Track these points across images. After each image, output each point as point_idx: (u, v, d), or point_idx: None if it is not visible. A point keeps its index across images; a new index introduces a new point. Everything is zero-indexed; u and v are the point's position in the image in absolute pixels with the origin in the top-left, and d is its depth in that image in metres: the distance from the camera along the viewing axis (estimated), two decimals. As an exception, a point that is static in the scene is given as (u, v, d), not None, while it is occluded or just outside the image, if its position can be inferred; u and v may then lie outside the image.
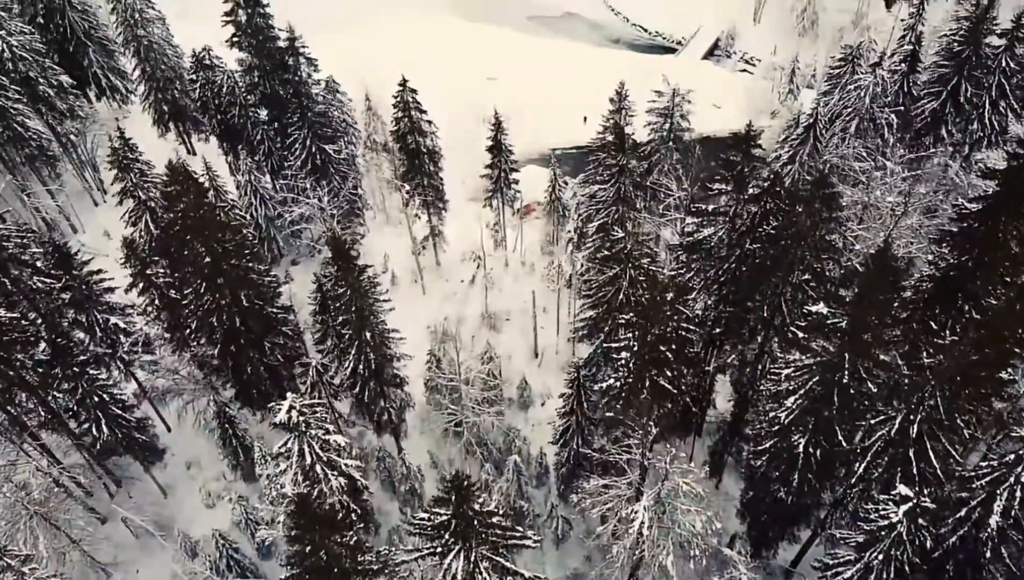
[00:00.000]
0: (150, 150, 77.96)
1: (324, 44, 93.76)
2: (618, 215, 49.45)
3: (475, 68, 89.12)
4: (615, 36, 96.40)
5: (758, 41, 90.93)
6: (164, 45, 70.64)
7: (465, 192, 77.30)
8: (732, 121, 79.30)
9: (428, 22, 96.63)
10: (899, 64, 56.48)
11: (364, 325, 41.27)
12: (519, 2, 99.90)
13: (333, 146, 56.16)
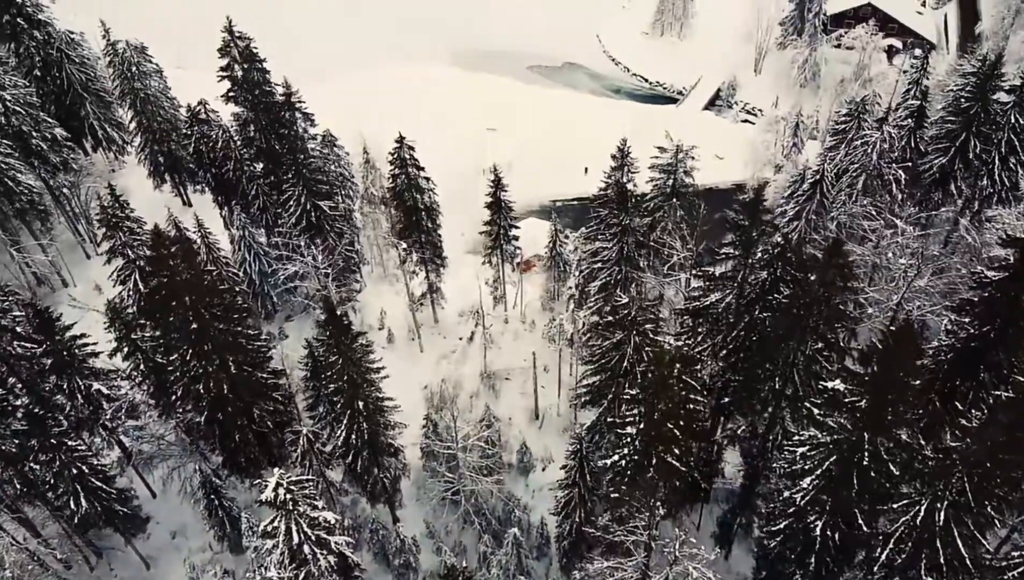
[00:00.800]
0: (145, 202, 77.68)
1: (323, 95, 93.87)
2: (621, 275, 47.96)
3: (475, 118, 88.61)
4: (616, 86, 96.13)
5: (759, 92, 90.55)
6: (161, 97, 70.05)
7: (464, 245, 76.04)
8: (735, 172, 78.55)
9: (428, 72, 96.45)
10: (905, 119, 55.47)
11: (357, 394, 39.47)
12: (519, 52, 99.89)
13: (328, 202, 54.92)
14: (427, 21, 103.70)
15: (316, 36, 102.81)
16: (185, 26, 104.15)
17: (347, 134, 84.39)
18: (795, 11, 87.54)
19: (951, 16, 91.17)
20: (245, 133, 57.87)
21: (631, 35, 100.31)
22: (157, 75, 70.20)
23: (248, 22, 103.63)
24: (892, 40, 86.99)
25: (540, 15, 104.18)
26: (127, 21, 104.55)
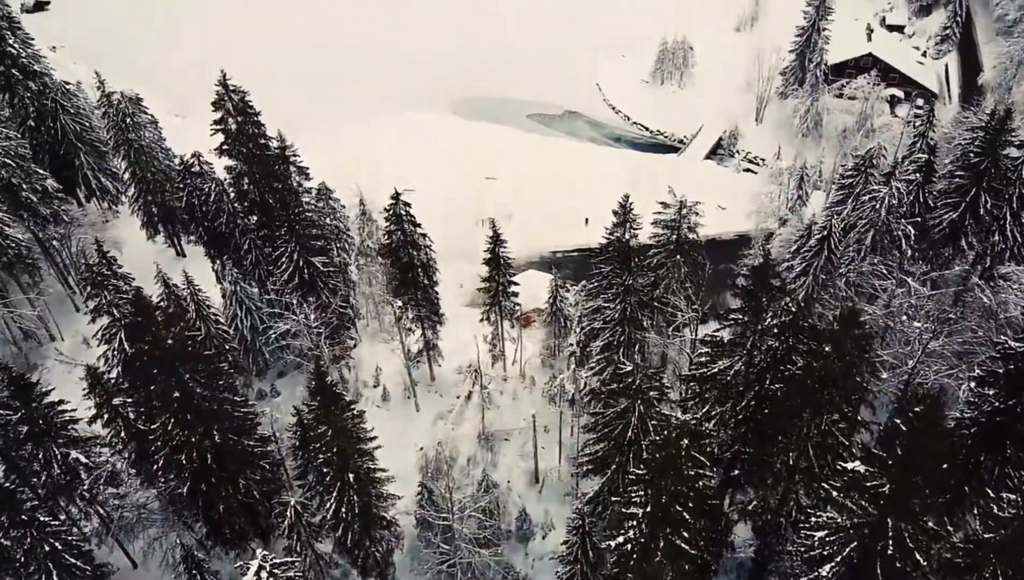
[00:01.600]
0: (138, 253, 76.35)
1: (320, 145, 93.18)
2: (624, 336, 46.24)
3: (474, 167, 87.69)
4: (616, 134, 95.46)
5: (761, 141, 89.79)
6: (155, 148, 69.08)
7: (462, 297, 74.41)
8: (738, 223, 77.24)
9: (427, 120, 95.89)
10: (913, 173, 54.25)
11: (347, 465, 37.44)
12: (519, 100, 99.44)
13: (322, 258, 53.41)
14: (426, 70, 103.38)
15: (315, 86, 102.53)
16: (185, 74, 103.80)
17: (344, 184, 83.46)
18: (796, 61, 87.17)
19: (952, 66, 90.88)
20: (239, 186, 56.61)
21: (631, 83, 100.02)
22: (152, 126, 69.29)
23: (246, 72, 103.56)
24: (894, 90, 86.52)
25: (539, 63, 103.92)
26: (128, 69, 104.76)
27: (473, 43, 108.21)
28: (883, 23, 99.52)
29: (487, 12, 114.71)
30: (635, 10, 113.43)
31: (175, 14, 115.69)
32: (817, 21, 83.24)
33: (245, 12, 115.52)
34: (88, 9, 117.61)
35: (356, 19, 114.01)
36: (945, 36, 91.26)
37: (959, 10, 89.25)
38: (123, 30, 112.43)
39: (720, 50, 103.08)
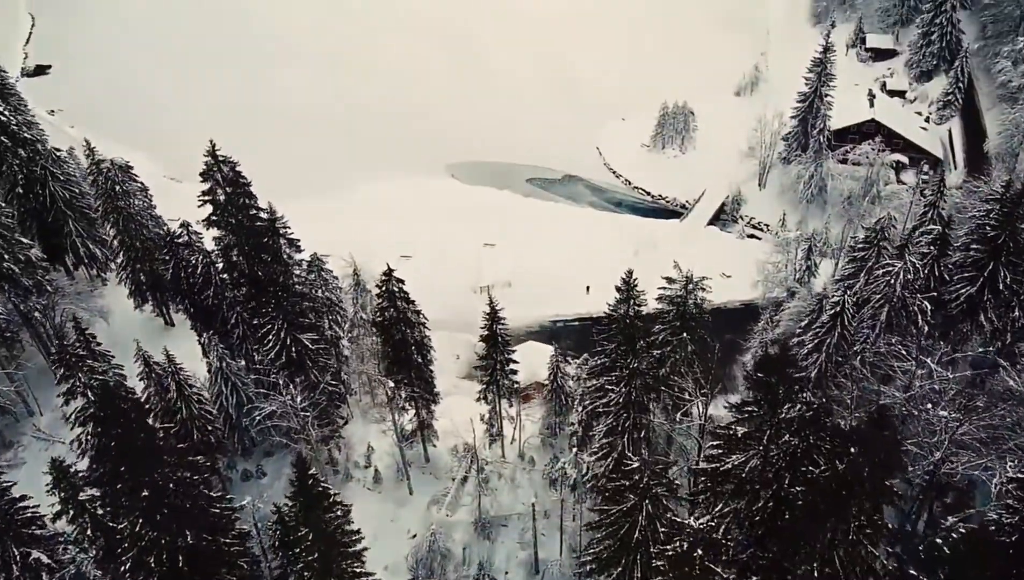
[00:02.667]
0: (125, 322, 74.06)
1: (314, 209, 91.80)
2: (629, 422, 43.51)
3: (472, 233, 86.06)
4: (617, 199, 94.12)
5: (765, 207, 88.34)
6: (145, 216, 67.21)
7: (458, 368, 71.93)
8: (743, 291, 75.14)
9: (424, 185, 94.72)
10: (927, 246, 52.22)
11: (330, 570, 34.35)
12: (518, 164, 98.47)
13: (311, 335, 50.97)
14: (423, 133, 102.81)
15: (310, 149, 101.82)
16: (182, 137, 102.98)
17: (339, 251, 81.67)
18: (798, 127, 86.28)
19: (956, 132, 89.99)
20: (227, 257, 54.55)
21: (631, 148, 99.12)
22: (142, 193, 67.60)
23: (242, 135, 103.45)
24: (898, 156, 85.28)
25: (539, 127, 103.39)
26: (126, 132, 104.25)
27: (471, 106, 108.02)
28: (884, 88, 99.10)
29: (484, 74, 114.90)
30: (634, 74, 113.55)
31: (175, 78, 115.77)
32: (819, 87, 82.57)
33: (243, 77, 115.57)
34: (89, 73, 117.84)
35: (352, 83, 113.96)
36: (947, 102, 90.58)
37: (960, 76, 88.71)
38: (123, 93, 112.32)
39: (721, 114, 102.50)
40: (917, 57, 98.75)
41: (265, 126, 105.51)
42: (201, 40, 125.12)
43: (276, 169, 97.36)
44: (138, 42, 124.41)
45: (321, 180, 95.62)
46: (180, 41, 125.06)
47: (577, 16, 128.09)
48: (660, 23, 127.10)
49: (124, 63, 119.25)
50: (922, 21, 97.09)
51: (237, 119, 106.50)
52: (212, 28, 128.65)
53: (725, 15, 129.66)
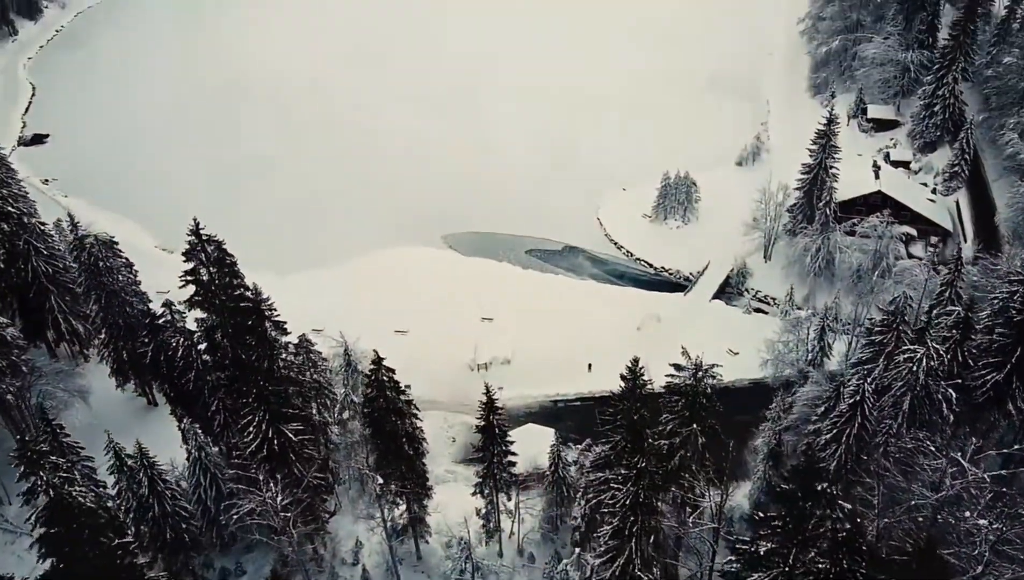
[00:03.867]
0: (106, 402, 70.70)
1: (308, 281, 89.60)
2: (636, 526, 39.97)
3: (470, 306, 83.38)
4: (619, 271, 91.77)
5: (771, 280, 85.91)
6: (129, 291, 64.76)
7: (455, 452, 68.42)
8: (751, 369, 72.01)
9: (420, 256, 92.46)
10: (949, 330, 49.42)
11: None
12: (517, 235, 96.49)
13: (296, 425, 47.72)
14: (418, 203, 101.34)
15: (302, 220, 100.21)
16: (174, 208, 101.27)
17: (333, 323, 78.90)
18: (803, 198, 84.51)
19: (963, 203, 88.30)
20: (210, 339, 51.81)
21: (633, 218, 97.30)
22: (126, 268, 65.35)
23: (235, 207, 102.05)
24: (906, 228, 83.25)
25: (538, 197, 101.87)
26: (119, 202, 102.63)
27: (469, 175, 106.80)
28: (887, 159, 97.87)
29: (483, 144, 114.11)
30: (634, 144, 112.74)
31: (170, 146, 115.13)
32: (824, 160, 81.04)
33: (239, 145, 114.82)
34: (85, 141, 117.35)
35: (349, 152, 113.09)
36: (954, 173, 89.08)
37: (966, 148, 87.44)
38: (118, 162, 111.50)
39: (723, 185, 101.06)
40: (920, 128, 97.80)
41: (259, 194, 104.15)
42: (199, 108, 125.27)
43: (269, 239, 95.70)
44: (136, 111, 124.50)
45: (315, 250, 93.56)
46: (178, 108, 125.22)
47: (575, 87, 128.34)
48: (659, 93, 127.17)
49: (121, 132, 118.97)
50: (924, 93, 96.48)
51: (231, 188, 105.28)
52: (211, 96, 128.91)
53: (724, 85, 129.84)
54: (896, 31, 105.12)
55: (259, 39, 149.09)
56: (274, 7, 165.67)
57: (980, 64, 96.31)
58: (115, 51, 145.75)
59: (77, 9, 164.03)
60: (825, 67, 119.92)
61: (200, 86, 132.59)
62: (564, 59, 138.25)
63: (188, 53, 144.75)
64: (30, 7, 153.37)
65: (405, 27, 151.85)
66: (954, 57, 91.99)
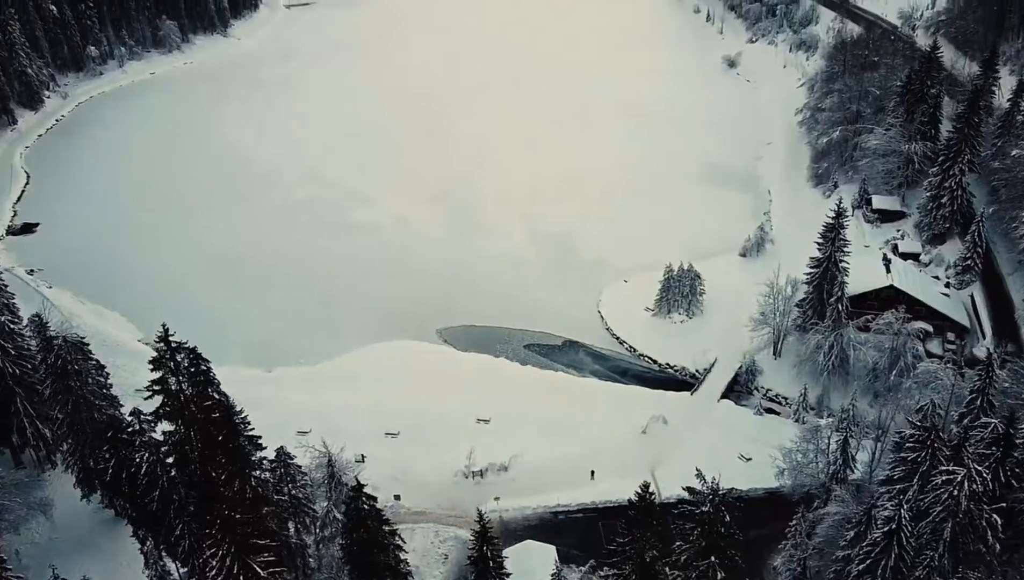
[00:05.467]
0: (71, 515, 65.12)
1: (293, 377, 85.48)
2: None
3: (465, 406, 78.94)
4: (622, 367, 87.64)
5: (781, 377, 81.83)
6: (99, 395, 60.45)
7: (447, 571, 62.68)
8: (766, 477, 67.00)
9: (414, 350, 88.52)
10: (988, 446, 45.11)
11: None
12: (515, 329, 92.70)
13: (267, 556, 42.68)
14: (415, 297, 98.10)
15: (291, 313, 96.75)
16: (159, 297, 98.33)
17: (319, 424, 74.85)
18: (812, 293, 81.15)
19: (978, 298, 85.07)
20: (178, 454, 47.35)
21: (635, 312, 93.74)
22: (97, 370, 61.18)
23: (219, 297, 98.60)
24: (922, 324, 79.66)
25: (537, 289, 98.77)
26: (104, 293, 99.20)
27: (465, 266, 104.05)
28: (896, 251, 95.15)
29: (479, 234, 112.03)
30: (634, 234, 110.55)
31: (160, 239, 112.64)
32: (833, 253, 78.08)
33: (227, 239, 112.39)
34: (74, 231, 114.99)
35: (338, 243, 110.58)
36: (967, 266, 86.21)
37: (978, 241, 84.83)
38: (106, 252, 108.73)
39: (727, 276, 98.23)
40: (928, 220, 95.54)
41: (248, 287, 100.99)
42: (191, 198, 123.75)
43: (256, 332, 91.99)
44: (127, 201, 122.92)
45: (304, 344, 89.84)
46: (170, 198, 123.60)
47: (572, 174, 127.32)
48: (658, 180, 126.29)
49: (111, 221, 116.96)
50: (930, 184, 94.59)
51: (221, 281, 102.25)
52: (204, 186, 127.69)
53: (723, 173, 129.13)
54: (898, 122, 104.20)
55: (255, 130, 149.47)
56: (270, 98, 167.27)
57: (986, 156, 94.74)
58: (111, 141, 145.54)
59: (78, 99, 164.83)
60: (826, 157, 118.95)
61: (194, 176, 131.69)
62: (561, 147, 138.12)
63: (184, 144, 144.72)
64: (31, 97, 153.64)
65: (402, 118, 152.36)
66: (959, 149, 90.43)
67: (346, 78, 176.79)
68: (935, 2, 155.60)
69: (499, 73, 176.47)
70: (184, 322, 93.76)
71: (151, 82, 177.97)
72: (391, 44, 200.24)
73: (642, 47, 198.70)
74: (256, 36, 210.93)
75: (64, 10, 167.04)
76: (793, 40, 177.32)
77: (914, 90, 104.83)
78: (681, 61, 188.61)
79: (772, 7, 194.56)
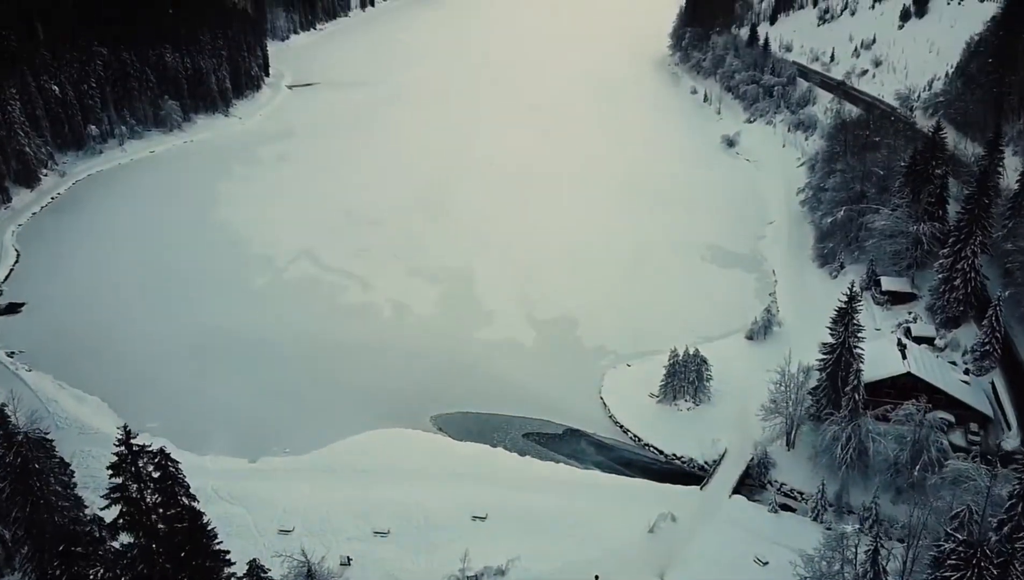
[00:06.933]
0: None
1: (277, 468, 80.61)
2: None
3: (460, 501, 74.12)
4: (626, 458, 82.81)
5: (796, 471, 76.99)
6: (60, 497, 55.87)
7: None
8: (786, 584, 61.80)
9: (406, 439, 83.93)
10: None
11: None
12: (513, 417, 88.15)
13: None
14: (407, 381, 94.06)
15: (276, 398, 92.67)
16: (142, 384, 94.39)
17: (303, 523, 70.67)
18: (826, 381, 77.17)
19: (999, 385, 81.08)
20: (138, 569, 42.58)
21: (639, 399, 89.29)
22: (61, 468, 56.84)
23: (201, 381, 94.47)
24: (942, 413, 75.38)
25: (536, 374, 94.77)
26: (86, 377, 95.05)
27: (460, 350, 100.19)
28: (909, 334, 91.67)
29: (475, 317, 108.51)
30: (636, 316, 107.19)
31: (146, 320, 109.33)
32: (847, 339, 74.46)
33: (215, 321, 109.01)
34: (60, 311, 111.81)
35: (329, 326, 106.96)
36: (985, 352, 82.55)
37: (996, 325, 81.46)
38: (90, 334, 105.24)
39: (734, 360, 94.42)
40: (941, 303, 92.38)
41: (234, 371, 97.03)
42: (180, 279, 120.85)
43: (241, 420, 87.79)
44: (115, 281, 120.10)
45: (291, 432, 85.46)
46: (158, 279, 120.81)
47: (574, 256, 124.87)
48: (659, 260, 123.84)
49: (97, 302, 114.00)
50: (941, 266, 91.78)
51: (206, 364, 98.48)
52: (195, 266, 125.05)
53: (726, 255, 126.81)
54: (904, 203, 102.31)
55: (251, 208, 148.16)
56: (268, 176, 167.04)
57: (997, 237, 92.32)
58: (105, 219, 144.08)
59: (76, 177, 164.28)
60: (831, 237, 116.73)
61: (187, 255, 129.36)
62: (560, 226, 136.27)
63: (178, 222, 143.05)
64: (28, 175, 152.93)
65: (400, 196, 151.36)
66: (970, 230, 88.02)
67: (345, 156, 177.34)
68: (931, 84, 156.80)
69: (499, 152, 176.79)
70: (168, 407, 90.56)
71: (150, 160, 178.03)
72: (391, 123, 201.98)
73: (642, 126, 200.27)
74: (257, 115, 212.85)
75: (67, 90, 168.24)
76: (791, 120, 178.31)
77: (919, 170, 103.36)
78: (681, 140, 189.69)
79: (769, 88, 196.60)
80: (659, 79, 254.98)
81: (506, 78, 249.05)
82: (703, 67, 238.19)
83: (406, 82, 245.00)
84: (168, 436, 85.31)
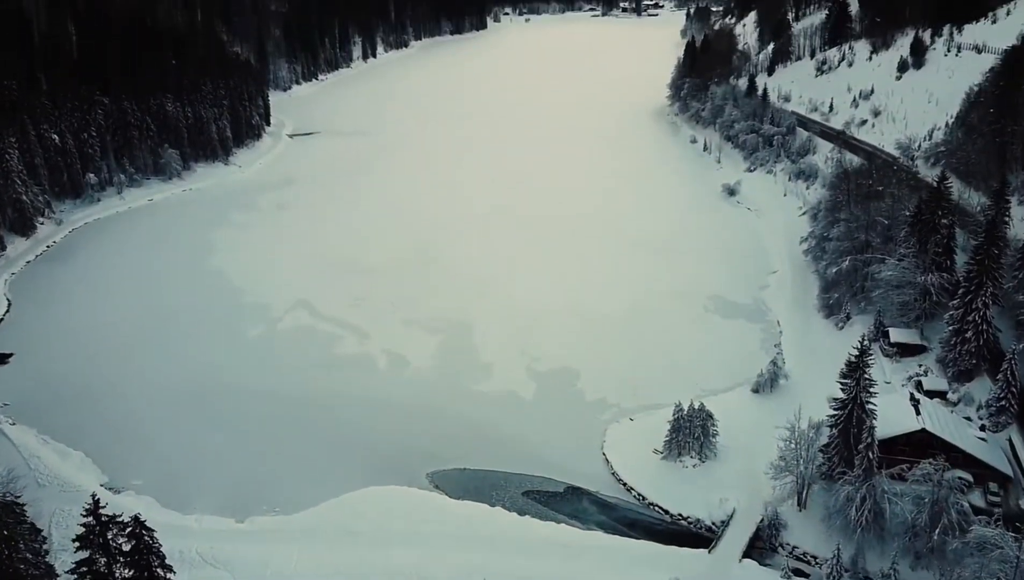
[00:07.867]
0: None
1: (267, 532, 76.85)
2: None
3: (457, 567, 70.64)
4: (630, 518, 79.25)
5: (809, 533, 73.41)
6: (30, 564, 52.38)
7: None
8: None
9: (401, 497, 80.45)
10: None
11: None
12: (512, 475, 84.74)
13: None
14: (403, 436, 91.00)
15: (265, 456, 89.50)
16: (129, 439, 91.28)
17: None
18: (838, 437, 74.19)
19: (1016, 441, 78.06)
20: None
21: (643, 455, 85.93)
22: (31, 535, 53.63)
23: (190, 444, 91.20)
24: (959, 471, 72.23)
25: (536, 430, 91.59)
26: (70, 430, 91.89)
27: (458, 405, 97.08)
28: (920, 388, 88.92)
29: (473, 370, 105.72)
30: (639, 367, 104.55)
31: (135, 372, 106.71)
32: (859, 394, 71.72)
33: (206, 374, 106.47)
34: (48, 361, 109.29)
35: (323, 378, 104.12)
36: (1001, 407, 79.72)
37: (1012, 379, 78.80)
38: (78, 386, 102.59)
39: (741, 415, 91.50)
40: (952, 355, 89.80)
41: (224, 426, 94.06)
42: (172, 330, 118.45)
43: (230, 477, 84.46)
44: (105, 331, 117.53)
45: (282, 490, 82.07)
46: (150, 330, 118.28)
47: (574, 308, 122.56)
48: (662, 313, 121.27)
49: (87, 352, 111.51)
50: (952, 318, 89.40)
51: (195, 420, 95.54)
52: (188, 317, 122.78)
53: (729, 305, 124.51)
54: (910, 253, 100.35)
55: (247, 257, 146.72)
56: (265, 224, 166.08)
57: (1008, 288, 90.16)
58: (99, 267, 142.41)
59: (72, 225, 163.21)
60: (836, 287, 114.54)
61: (180, 304, 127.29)
62: (560, 277, 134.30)
63: (173, 269, 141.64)
64: (24, 224, 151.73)
65: (398, 246, 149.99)
66: (980, 281, 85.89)
67: (343, 204, 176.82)
68: (931, 134, 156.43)
69: (498, 202, 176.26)
70: (154, 462, 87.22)
71: (148, 208, 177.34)
72: (390, 172, 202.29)
73: (642, 175, 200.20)
74: (257, 164, 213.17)
75: (66, 139, 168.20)
76: (792, 169, 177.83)
77: (925, 220, 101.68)
78: (681, 189, 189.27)
79: (769, 138, 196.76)
80: (658, 128, 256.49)
81: (503, 127, 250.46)
82: (702, 117, 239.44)
83: (405, 132, 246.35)
84: (153, 493, 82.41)
